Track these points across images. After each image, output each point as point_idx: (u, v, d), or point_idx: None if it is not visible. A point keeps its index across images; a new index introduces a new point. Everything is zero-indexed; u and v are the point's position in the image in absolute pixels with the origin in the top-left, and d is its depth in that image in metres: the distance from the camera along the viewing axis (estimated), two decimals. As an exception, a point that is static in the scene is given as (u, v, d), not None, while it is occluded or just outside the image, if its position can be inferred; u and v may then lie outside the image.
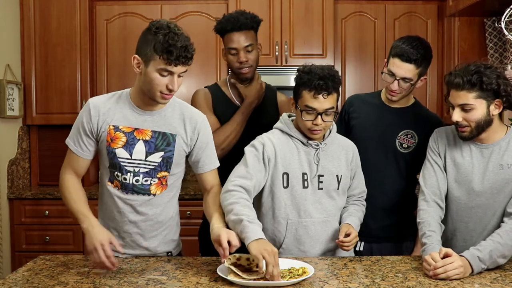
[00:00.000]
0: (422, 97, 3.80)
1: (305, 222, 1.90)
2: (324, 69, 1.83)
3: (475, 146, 1.87)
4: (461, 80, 1.74)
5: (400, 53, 2.07)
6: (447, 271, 1.60)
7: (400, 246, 2.25)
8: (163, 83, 1.68)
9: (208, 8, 3.80)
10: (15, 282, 1.61)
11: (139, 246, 1.89)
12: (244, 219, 1.64)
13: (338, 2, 3.79)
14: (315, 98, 1.81)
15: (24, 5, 3.74)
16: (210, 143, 1.92)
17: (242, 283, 1.56)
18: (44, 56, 3.75)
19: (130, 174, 1.80)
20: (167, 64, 1.65)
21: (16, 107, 3.69)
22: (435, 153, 1.95)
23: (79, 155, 1.86)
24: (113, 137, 1.79)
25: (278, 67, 3.68)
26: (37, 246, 3.56)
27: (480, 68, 1.74)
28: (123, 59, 3.80)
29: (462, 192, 1.88)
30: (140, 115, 1.81)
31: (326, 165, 1.92)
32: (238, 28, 2.18)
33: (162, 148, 1.82)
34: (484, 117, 1.77)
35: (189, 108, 1.91)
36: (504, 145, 1.83)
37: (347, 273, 1.69)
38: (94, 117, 1.80)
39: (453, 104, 1.79)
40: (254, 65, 2.26)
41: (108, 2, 3.84)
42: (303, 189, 1.90)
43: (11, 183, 3.65)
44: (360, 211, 2.03)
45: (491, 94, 1.75)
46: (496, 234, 1.72)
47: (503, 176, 1.81)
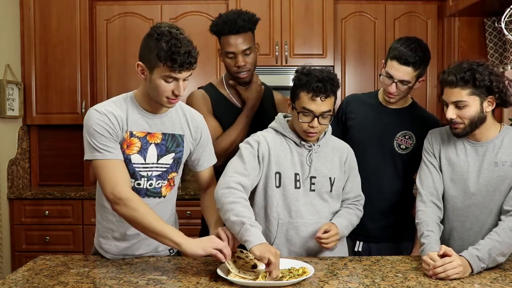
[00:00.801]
0: (422, 97, 3.81)
1: (296, 222, 1.89)
2: (323, 71, 1.83)
3: (469, 144, 1.88)
4: (454, 78, 1.76)
5: (398, 56, 2.05)
6: (446, 270, 1.60)
7: (399, 246, 2.25)
8: (168, 89, 1.67)
9: (208, 8, 3.80)
10: (15, 282, 1.61)
11: (145, 246, 1.89)
12: (246, 222, 1.64)
13: (338, 2, 3.79)
14: (313, 100, 1.80)
15: (24, 5, 3.74)
16: (209, 141, 1.95)
17: (242, 283, 1.56)
18: (44, 56, 3.76)
19: (144, 179, 1.80)
20: (171, 71, 1.63)
21: (16, 107, 3.69)
22: (430, 154, 1.96)
23: (119, 158, 1.72)
24: (129, 143, 1.75)
25: (278, 67, 3.68)
26: (37, 246, 3.56)
27: (473, 66, 1.76)
28: (123, 59, 3.80)
29: (458, 191, 1.89)
30: (150, 118, 1.79)
31: (318, 167, 1.91)
32: (235, 32, 2.12)
33: (173, 149, 1.83)
34: (477, 114, 1.79)
35: (188, 108, 1.93)
36: (498, 143, 1.84)
37: (347, 273, 1.69)
38: (115, 124, 1.72)
39: (447, 101, 1.81)
40: (252, 68, 2.22)
41: (108, 2, 3.84)
42: (295, 190, 1.89)
43: (11, 183, 3.65)
44: (353, 215, 1.98)
45: (484, 90, 1.77)
46: (494, 232, 1.73)
47: (498, 173, 1.82)
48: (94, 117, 1.71)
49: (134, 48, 3.83)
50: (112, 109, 1.73)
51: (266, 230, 1.92)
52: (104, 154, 1.69)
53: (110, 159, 1.69)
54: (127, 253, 1.87)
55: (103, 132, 1.69)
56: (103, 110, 1.72)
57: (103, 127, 1.70)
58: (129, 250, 1.87)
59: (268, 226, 1.92)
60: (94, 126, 1.69)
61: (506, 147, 1.83)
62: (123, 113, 1.75)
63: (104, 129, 1.70)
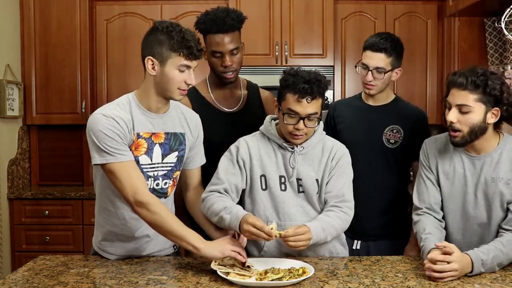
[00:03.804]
0: (422, 97, 3.82)
1: (284, 225, 1.85)
2: (310, 73, 1.80)
3: (467, 157, 1.82)
4: (465, 80, 1.70)
5: (369, 45, 2.18)
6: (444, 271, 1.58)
7: (397, 243, 2.26)
8: (181, 79, 1.72)
9: (208, 8, 3.71)
10: (15, 282, 1.61)
11: (151, 246, 1.89)
12: (223, 214, 1.74)
13: (338, 2, 3.79)
14: (299, 101, 1.77)
15: (24, 5, 3.74)
16: (202, 141, 1.99)
17: (242, 283, 1.56)
18: (44, 56, 3.76)
19: (151, 179, 1.80)
20: (187, 59, 1.70)
21: (16, 107, 3.69)
22: (426, 167, 1.91)
23: (133, 159, 1.72)
24: (137, 145, 1.75)
25: (278, 67, 3.68)
26: (37, 246, 3.56)
27: (486, 72, 1.71)
28: (123, 59, 3.80)
29: (457, 204, 1.84)
30: (154, 118, 1.79)
31: (304, 169, 1.88)
32: (224, 31, 2.07)
33: (176, 148, 1.85)
34: (479, 123, 1.72)
35: (185, 107, 1.95)
36: (496, 157, 1.78)
37: (347, 273, 1.69)
38: (124, 128, 1.70)
39: (451, 103, 1.74)
40: (238, 68, 2.16)
41: (108, 2, 3.84)
42: (281, 192, 1.88)
43: (11, 183, 3.65)
44: (334, 217, 1.81)
45: (492, 100, 1.70)
46: (499, 242, 1.69)
47: (495, 189, 1.76)
48: (102, 122, 1.67)
49: (134, 48, 3.87)
50: (118, 113, 1.71)
51: None
52: (117, 157, 1.67)
53: (124, 161, 1.68)
54: (133, 253, 1.87)
55: (113, 136, 1.67)
56: (110, 114, 1.69)
57: (113, 131, 1.67)
58: (136, 251, 1.87)
59: None
60: (104, 130, 1.66)
61: (504, 162, 1.77)
62: (129, 115, 1.74)
63: (115, 133, 1.67)
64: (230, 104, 2.24)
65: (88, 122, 1.72)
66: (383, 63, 2.15)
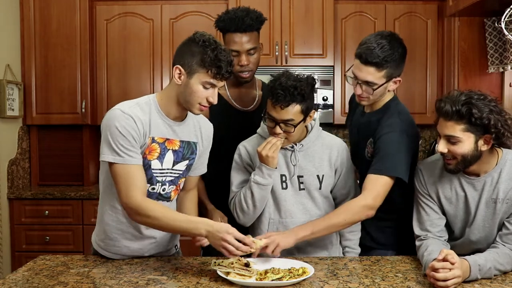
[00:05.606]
0: (422, 97, 3.82)
1: (285, 222, 1.93)
2: (290, 78, 1.78)
3: (465, 180, 1.76)
4: (450, 109, 1.61)
5: (359, 54, 1.88)
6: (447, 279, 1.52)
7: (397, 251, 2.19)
8: (204, 95, 1.68)
9: (208, 8, 3.80)
10: (15, 282, 1.61)
11: (155, 247, 1.90)
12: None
13: (338, 2, 3.79)
14: (274, 107, 1.80)
15: (24, 5, 3.74)
16: (209, 149, 1.97)
17: (242, 283, 1.56)
18: (44, 56, 3.75)
19: (159, 184, 1.80)
20: (214, 78, 1.66)
21: (16, 107, 3.69)
22: (425, 195, 1.83)
23: (139, 163, 1.70)
24: (151, 149, 1.74)
25: (278, 67, 3.67)
26: (37, 246, 3.56)
27: (471, 99, 1.60)
28: (123, 59, 3.80)
29: (461, 224, 1.81)
30: (170, 125, 1.78)
31: (305, 165, 1.92)
32: (243, 30, 2.09)
33: (187, 156, 1.84)
34: (471, 152, 1.65)
35: (201, 116, 1.90)
36: (496, 177, 1.72)
37: (347, 273, 1.69)
38: (140, 129, 1.69)
39: (440, 133, 1.68)
40: (255, 68, 2.20)
41: (108, 2, 3.84)
42: (282, 190, 1.93)
43: (11, 183, 3.65)
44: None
45: (481, 128, 1.61)
46: (495, 252, 1.66)
47: (496, 210, 1.72)
48: (119, 118, 1.66)
49: (134, 48, 3.89)
50: (138, 113, 1.70)
51: (258, 228, 1.97)
52: (125, 159, 1.66)
53: (129, 164, 1.67)
54: (135, 254, 1.87)
55: (127, 135, 1.66)
56: (129, 112, 1.68)
57: (128, 130, 1.66)
58: (139, 252, 1.87)
59: (259, 225, 1.97)
60: (120, 127, 1.65)
61: (504, 181, 1.71)
62: (147, 117, 1.72)
63: (129, 132, 1.66)
64: (245, 103, 2.27)
65: (105, 117, 1.71)
66: (373, 77, 1.86)
